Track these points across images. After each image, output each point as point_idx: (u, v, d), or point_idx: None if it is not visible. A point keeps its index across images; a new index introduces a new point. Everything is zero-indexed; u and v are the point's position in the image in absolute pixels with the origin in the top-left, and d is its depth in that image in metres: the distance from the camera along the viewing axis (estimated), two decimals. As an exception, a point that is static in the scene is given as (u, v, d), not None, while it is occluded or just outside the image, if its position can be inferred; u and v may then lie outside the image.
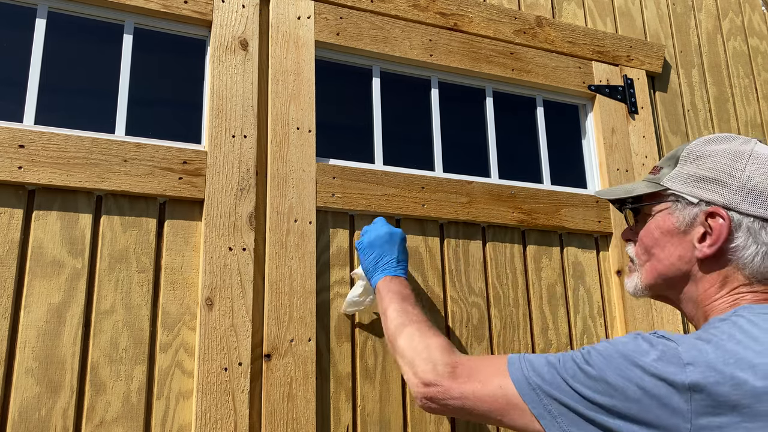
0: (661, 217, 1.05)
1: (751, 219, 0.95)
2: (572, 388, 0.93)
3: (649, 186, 1.07)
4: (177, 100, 1.78)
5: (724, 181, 0.98)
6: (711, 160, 1.00)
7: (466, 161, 2.04)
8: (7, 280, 1.38)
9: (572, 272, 2.04)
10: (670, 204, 1.03)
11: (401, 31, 1.96)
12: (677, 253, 1.03)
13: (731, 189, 0.97)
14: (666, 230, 1.04)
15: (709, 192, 0.99)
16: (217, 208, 1.59)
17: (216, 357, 1.49)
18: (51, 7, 1.62)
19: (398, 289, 1.46)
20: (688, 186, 1.01)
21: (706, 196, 0.99)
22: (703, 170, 1.00)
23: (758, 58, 2.78)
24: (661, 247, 1.05)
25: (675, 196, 1.03)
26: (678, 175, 1.03)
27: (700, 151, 1.02)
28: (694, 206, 1.00)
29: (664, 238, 1.05)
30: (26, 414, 1.34)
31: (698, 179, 1.00)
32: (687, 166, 1.02)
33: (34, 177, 1.44)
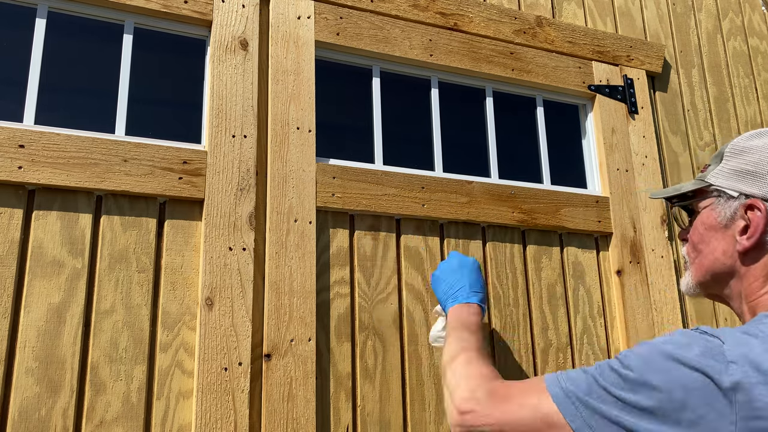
0: (706, 213, 1.06)
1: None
2: (613, 395, 0.88)
3: (695, 183, 1.08)
4: (177, 100, 1.78)
5: (764, 173, 0.98)
6: (752, 154, 1.01)
7: (466, 161, 2.04)
8: (7, 280, 1.38)
9: (572, 272, 2.04)
10: (714, 199, 1.04)
11: (401, 31, 1.96)
12: (721, 247, 1.02)
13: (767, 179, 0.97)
14: (709, 225, 1.04)
15: (748, 185, 0.99)
16: (217, 208, 1.59)
17: (216, 357, 1.49)
18: (51, 7, 1.62)
19: (461, 316, 1.39)
20: (730, 180, 1.02)
21: (745, 188, 0.99)
22: (744, 164, 1.01)
23: (758, 58, 2.78)
24: (706, 242, 1.05)
25: (718, 192, 1.03)
26: (721, 171, 1.04)
27: (743, 145, 1.03)
28: (734, 200, 1.00)
29: (708, 234, 1.05)
30: (26, 414, 1.34)
31: (740, 173, 1.01)
32: (731, 161, 1.03)
33: (34, 177, 1.44)
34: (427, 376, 1.73)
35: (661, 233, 2.18)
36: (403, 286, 1.78)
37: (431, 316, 1.78)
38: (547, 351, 1.91)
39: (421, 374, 1.73)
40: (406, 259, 1.80)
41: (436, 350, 1.74)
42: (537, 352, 1.90)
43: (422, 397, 1.71)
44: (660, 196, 1.17)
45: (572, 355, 1.95)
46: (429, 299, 1.80)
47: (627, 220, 2.14)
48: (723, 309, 2.26)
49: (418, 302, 1.78)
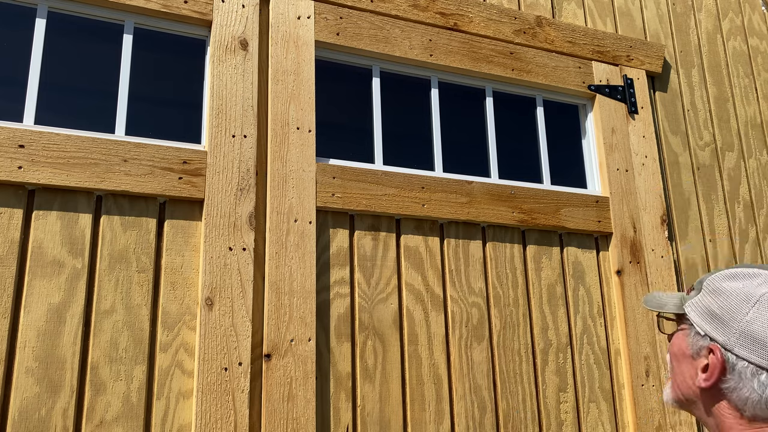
0: (682, 336, 1.10)
1: (745, 363, 0.98)
2: None
3: (677, 307, 1.12)
4: (177, 100, 1.77)
5: (727, 321, 1.02)
6: (723, 298, 1.04)
7: (466, 161, 2.04)
8: (7, 280, 1.38)
9: (572, 272, 2.04)
10: (687, 327, 1.08)
11: (401, 31, 1.96)
12: (688, 373, 1.07)
13: (731, 330, 1.00)
14: (681, 350, 1.09)
15: (713, 328, 1.02)
16: (217, 208, 1.59)
17: (216, 357, 1.49)
18: (51, 7, 1.62)
19: None
20: (699, 317, 1.05)
21: (710, 331, 1.03)
22: (714, 306, 1.04)
23: (758, 58, 2.78)
24: (678, 362, 1.10)
25: (690, 323, 1.07)
26: (696, 304, 1.07)
27: (717, 285, 1.06)
28: (702, 337, 1.04)
29: (680, 356, 1.09)
30: (26, 414, 1.34)
31: (709, 313, 1.04)
32: (705, 297, 1.07)
33: (34, 177, 1.44)
34: (427, 376, 1.73)
35: (661, 233, 2.18)
36: (403, 286, 1.78)
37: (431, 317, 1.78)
38: (547, 351, 1.91)
39: (421, 374, 1.73)
40: (406, 259, 1.80)
41: (436, 350, 1.75)
42: (537, 352, 1.90)
43: (422, 397, 1.71)
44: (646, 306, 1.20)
45: (572, 355, 1.95)
46: (429, 299, 1.80)
47: (627, 220, 2.14)
48: (723, 309, 2.26)
49: (418, 302, 1.78)
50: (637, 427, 1.94)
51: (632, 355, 1.99)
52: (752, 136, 2.61)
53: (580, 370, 1.94)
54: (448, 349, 1.79)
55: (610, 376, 1.98)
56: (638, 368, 1.99)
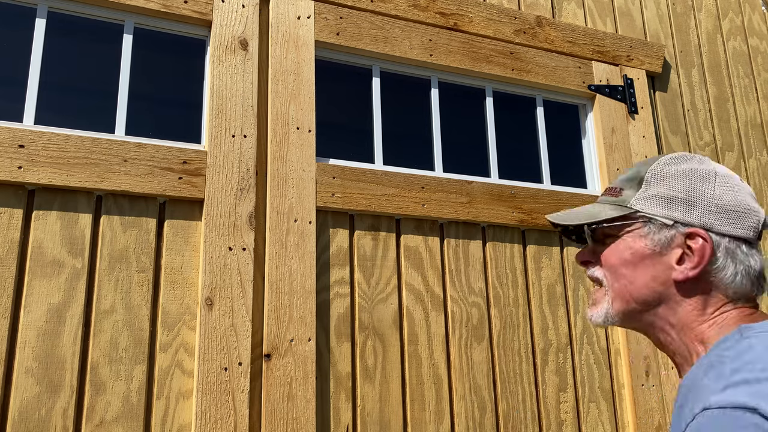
0: (632, 239, 1.01)
1: (727, 239, 0.95)
2: None
3: (615, 209, 1.03)
4: (177, 100, 1.77)
5: (697, 201, 0.97)
6: (680, 181, 0.99)
7: (466, 161, 2.04)
8: (7, 280, 1.38)
9: (572, 272, 2.03)
10: (641, 225, 1.01)
11: (401, 31, 1.96)
12: (651, 274, 0.99)
13: (705, 209, 0.97)
14: (638, 252, 1.01)
15: (683, 213, 0.97)
16: (217, 208, 1.59)
17: (216, 357, 1.49)
18: (51, 7, 1.62)
19: None
20: (660, 208, 0.99)
21: (681, 217, 0.97)
22: (673, 191, 0.99)
23: (758, 58, 2.78)
24: (632, 268, 1.01)
25: (646, 218, 1.00)
26: (646, 197, 1.01)
27: (666, 171, 1.01)
28: (669, 228, 0.98)
29: (635, 260, 1.01)
30: (26, 414, 1.34)
31: (670, 200, 0.99)
32: (654, 187, 1.00)
33: (34, 177, 1.44)
34: (427, 376, 1.73)
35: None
36: (403, 286, 1.78)
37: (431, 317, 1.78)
38: (547, 351, 1.91)
39: (421, 374, 1.73)
40: (406, 259, 1.80)
41: (436, 350, 1.75)
42: (537, 352, 1.90)
43: (422, 397, 1.71)
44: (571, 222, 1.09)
45: (572, 355, 1.95)
46: (429, 299, 1.80)
47: (627, 220, 2.14)
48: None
49: (418, 302, 1.78)
50: (637, 427, 1.94)
51: (632, 355, 1.99)
52: (752, 136, 2.61)
53: (580, 370, 1.94)
54: (448, 349, 1.79)
55: (610, 376, 1.98)
56: (638, 368, 1.99)
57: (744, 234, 0.95)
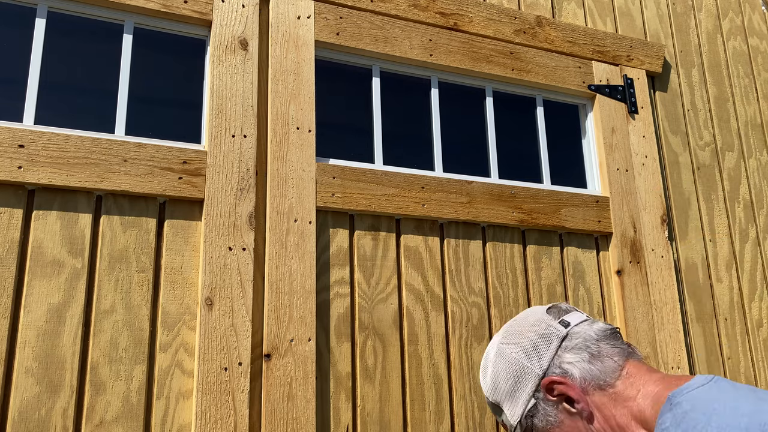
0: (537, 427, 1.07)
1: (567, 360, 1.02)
2: None
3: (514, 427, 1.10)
4: (177, 100, 1.77)
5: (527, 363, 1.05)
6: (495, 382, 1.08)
7: (466, 161, 2.04)
8: (7, 280, 1.38)
9: (572, 272, 2.04)
10: (534, 419, 1.06)
11: (401, 30, 1.96)
12: (576, 428, 1.03)
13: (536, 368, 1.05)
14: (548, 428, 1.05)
15: (523, 394, 1.05)
16: (217, 208, 1.59)
17: (216, 357, 1.49)
18: (51, 7, 1.62)
19: None
20: (517, 407, 1.06)
21: (525, 396, 1.05)
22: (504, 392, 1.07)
23: (758, 58, 2.78)
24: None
25: (529, 415, 1.06)
26: (510, 413, 1.07)
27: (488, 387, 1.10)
28: (537, 407, 1.03)
29: None
30: (26, 414, 1.34)
31: (512, 397, 1.06)
32: (503, 401, 1.08)
33: (34, 177, 1.44)
34: (427, 376, 1.73)
35: (661, 233, 2.18)
36: (403, 286, 1.78)
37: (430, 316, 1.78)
38: (547, 351, 1.91)
39: (421, 374, 1.73)
40: (406, 259, 1.80)
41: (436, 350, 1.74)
42: (537, 352, 1.90)
43: (422, 397, 1.71)
44: None
45: (572, 355, 1.95)
46: (429, 299, 1.80)
47: (627, 220, 2.14)
48: (722, 308, 2.26)
49: (418, 302, 1.78)
50: (637, 427, 1.94)
51: (632, 355, 1.99)
52: (752, 136, 2.61)
53: (580, 370, 1.94)
54: (448, 349, 1.79)
55: (610, 376, 1.98)
56: (638, 368, 1.99)
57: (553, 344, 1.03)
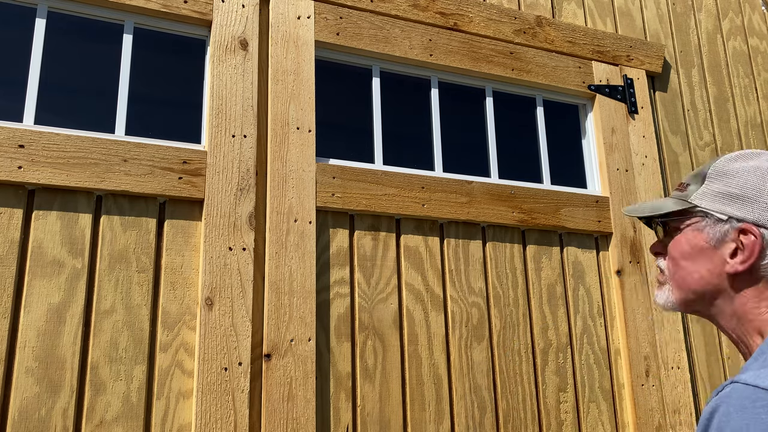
0: (691, 232, 1.08)
1: None
2: None
3: (677, 203, 1.10)
4: (177, 100, 1.77)
5: (753, 198, 1.02)
6: (738, 177, 1.04)
7: (466, 161, 2.04)
8: (7, 280, 1.38)
9: (572, 272, 2.04)
10: (699, 219, 1.07)
11: (401, 30, 1.96)
12: (707, 266, 1.05)
13: (760, 206, 1.01)
14: (695, 245, 1.07)
15: (738, 209, 1.02)
16: (217, 208, 1.59)
17: (216, 357, 1.49)
18: (51, 7, 1.62)
19: None
20: (717, 203, 1.04)
21: (735, 213, 1.02)
22: (731, 187, 1.04)
23: (758, 58, 2.78)
24: (691, 260, 1.07)
25: (704, 213, 1.06)
26: (705, 193, 1.06)
27: (727, 168, 1.06)
28: (724, 223, 1.03)
29: (693, 253, 1.07)
30: (26, 414, 1.34)
31: (726, 196, 1.04)
32: (714, 183, 1.06)
33: (34, 177, 1.44)
34: (427, 376, 1.73)
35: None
36: (403, 286, 1.78)
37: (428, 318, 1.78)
38: (547, 351, 1.91)
39: (421, 374, 1.73)
40: (406, 259, 1.80)
41: (436, 349, 1.74)
42: (537, 352, 1.90)
43: (422, 397, 1.71)
44: (638, 214, 1.18)
45: (572, 355, 1.95)
46: (429, 299, 1.80)
47: (627, 220, 2.14)
48: (723, 309, 2.26)
49: (418, 302, 1.78)
50: (637, 427, 1.94)
51: (632, 355, 1.99)
52: (752, 136, 2.61)
53: (580, 369, 1.94)
54: (448, 349, 1.79)
55: (610, 376, 1.98)
56: (638, 368, 1.99)
57: None
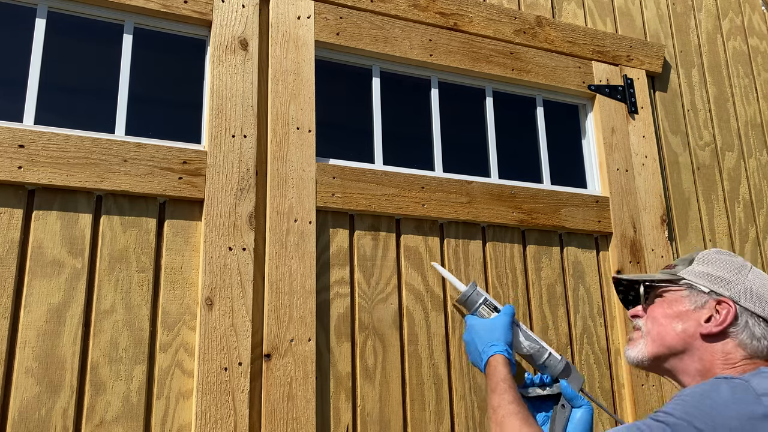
0: (674, 298, 1.29)
1: (749, 313, 1.21)
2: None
3: (666, 275, 1.33)
4: (177, 100, 1.78)
5: (731, 281, 1.25)
6: (721, 265, 1.28)
7: (466, 161, 2.04)
8: (7, 280, 1.39)
9: (572, 272, 2.04)
10: (683, 289, 1.29)
11: (401, 31, 1.96)
12: (683, 326, 1.25)
13: (736, 287, 1.24)
14: (676, 308, 1.27)
15: (719, 286, 1.25)
16: (217, 208, 1.59)
17: (216, 357, 1.49)
18: (51, 7, 1.62)
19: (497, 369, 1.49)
20: (701, 279, 1.27)
21: (716, 289, 1.25)
22: (715, 271, 1.27)
23: (758, 58, 2.78)
24: (670, 320, 1.27)
25: (688, 284, 1.28)
26: (692, 271, 1.29)
27: (712, 257, 1.30)
28: (705, 294, 1.25)
29: (673, 314, 1.27)
30: (26, 414, 1.34)
31: (710, 276, 1.27)
32: (700, 266, 1.29)
33: (34, 177, 1.44)
34: (427, 376, 1.73)
35: (661, 233, 2.18)
36: (403, 286, 1.78)
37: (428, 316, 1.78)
38: (547, 351, 1.91)
39: (421, 374, 1.73)
40: (406, 259, 1.80)
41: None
42: (537, 352, 1.90)
43: (422, 397, 1.71)
44: (634, 278, 1.39)
45: (572, 355, 1.95)
46: (429, 299, 1.80)
47: (627, 220, 2.14)
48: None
49: (418, 302, 1.78)
50: (637, 427, 1.94)
51: (632, 355, 1.99)
52: (752, 136, 2.62)
53: (580, 369, 1.94)
54: (448, 349, 1.79)
55: (610, 376, 1.98)
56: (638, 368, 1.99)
57: (765, 314, 1.21)
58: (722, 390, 1.03)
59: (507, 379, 1.43)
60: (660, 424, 1.03)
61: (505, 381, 1.42)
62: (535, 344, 1.60)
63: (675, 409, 1.04)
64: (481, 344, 1.53)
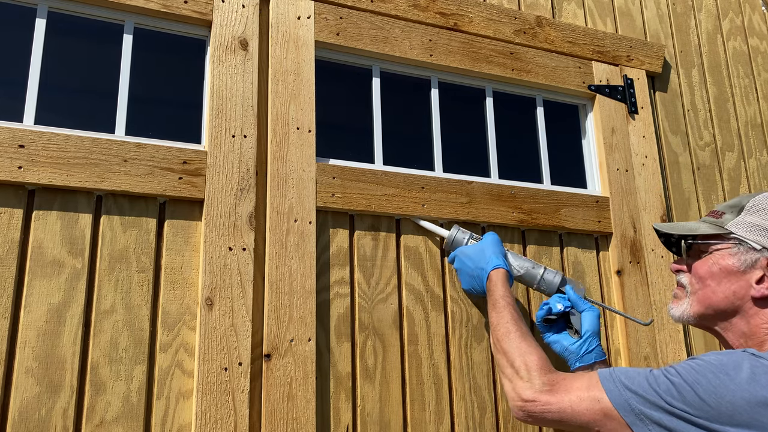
0: (721, 255, 1.17)
1: None
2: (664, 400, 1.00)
3: (712, 228, 1.20)
4: (177, 100, 1.78)
5: None
6: None
7: (466, 161, 2.04)
8: (7, 280, 1.39)
9: (572, 272, 2.04)
10: (732, 245, 1.16)
11: (401, 31, 1.96)
12: (732, 288, 1.15)
13: None
14: (725, 267, 1.16)
15: None
16: (217, 208, 1.59)
17: (216, 357, 1.49)
18: (51, 7, 1.62)
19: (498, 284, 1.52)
20: (752, 234, 1.14)
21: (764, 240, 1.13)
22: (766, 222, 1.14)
23: (758, 58, 2.78)
24: (717, 281, 1.16)
25: (738, 240, 1.15)
26: (742, 223, 1.16)
27: (765, 204, 1.16)
28: (756, 252, 1.13)
29: (721, 274, 1.16)
30: (26, 414, 1.34)
31: (762, 229, 1.13)
32: (752, 216, 1.15)
33: (34, 177, 1.44)
34: (427, 376, 1.73)
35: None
36: (403, 286, 1.78)
37: None
38: (547, 351, 1.91)
39: (421, 374, 1.73)
40: (406, 259, 1.80)
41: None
42: (537, 352, 1.90)
43: (422, 397, 1.71)
44: (672, 231, 1.27)
45: (572, 355, 1.95)
46: (429, 299, 1.80)
47: (627, 220, 2.14)
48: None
49: (418, 302, 1.78)
50: (637, 427, 1.94)
51: (632, 355, 1.99)
52: (752, 136, 2.62)
53: (580, 370, 1.94)
54: (448, 349, 1.79)
55: (610, 376, 1.98)
56: (638, 368, 1.99)
57: None
58: (743, 368, 0.98)
59: (506, 295, 1.42)
60: (667, 381, 1.01)
61: (504, 298, 1.42)
62: (526, 263, 1.66)
63: (688, 372, 1.00)
64: (479, 263, 1.53)
